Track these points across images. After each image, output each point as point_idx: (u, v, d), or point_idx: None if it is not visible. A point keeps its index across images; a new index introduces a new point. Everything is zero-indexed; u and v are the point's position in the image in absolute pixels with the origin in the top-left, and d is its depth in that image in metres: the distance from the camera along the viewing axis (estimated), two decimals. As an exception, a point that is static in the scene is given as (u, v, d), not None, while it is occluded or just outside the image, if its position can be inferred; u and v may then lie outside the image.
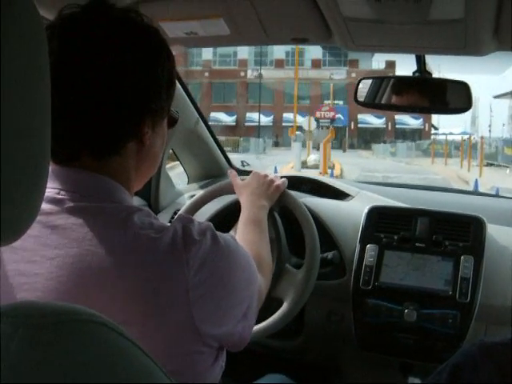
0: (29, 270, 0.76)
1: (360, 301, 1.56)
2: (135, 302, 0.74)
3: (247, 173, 2.32)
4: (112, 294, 0.74)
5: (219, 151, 2.19)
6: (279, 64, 45.71)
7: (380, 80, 1.59)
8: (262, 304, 1.03)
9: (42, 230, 0.77)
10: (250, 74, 44.81)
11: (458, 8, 1.09)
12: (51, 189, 0.80)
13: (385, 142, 39.82)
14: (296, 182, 1.85)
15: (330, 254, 1.60)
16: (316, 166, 18.76)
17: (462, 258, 1.53)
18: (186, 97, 1.91)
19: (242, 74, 45.62)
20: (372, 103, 1.61)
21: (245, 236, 1.17)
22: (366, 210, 1.68)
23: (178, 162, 2.27)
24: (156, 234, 0.77)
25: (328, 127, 23.59)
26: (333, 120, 25.24)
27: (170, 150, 2.07)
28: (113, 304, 0.73)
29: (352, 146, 44.30)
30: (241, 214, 1.27)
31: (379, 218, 1.66)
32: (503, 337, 0.58)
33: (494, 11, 1.09)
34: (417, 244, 1.58)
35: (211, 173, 2.20)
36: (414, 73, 1.51)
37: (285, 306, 1.42)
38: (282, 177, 1.48)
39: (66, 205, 0.79)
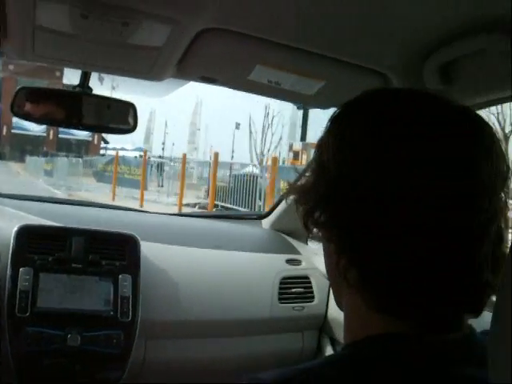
0: None
1: (18, 329, 1.43)
2: None
3: None
4: None
5: None
6: None
7: (42, 91, 1.51)
8: None
9: None
10: None
11: (161, 38, 1.11)
12: None
13: (46, 155, 30.59)
14: None
15: None
16: None
17: (120, 277, 1.55)
18: None
19: None
20: (30, 116, 1.52)
21: None
22: (14, 230, 1.54)
23: None
24: None
25: None
26: None
27: None
28: None
29: (3, 157, 35.73)
30: None
31: (31, 239, 1.54)
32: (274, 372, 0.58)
33: (188, 42, 1.13)
34: (73, 265, 1.54)
35: None
36: (74, 87, 1.47)
37: None
38: None
39: None
